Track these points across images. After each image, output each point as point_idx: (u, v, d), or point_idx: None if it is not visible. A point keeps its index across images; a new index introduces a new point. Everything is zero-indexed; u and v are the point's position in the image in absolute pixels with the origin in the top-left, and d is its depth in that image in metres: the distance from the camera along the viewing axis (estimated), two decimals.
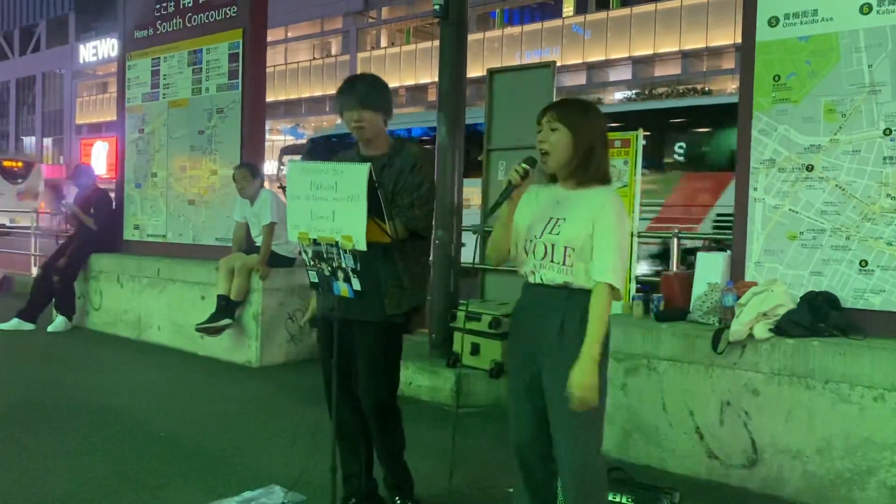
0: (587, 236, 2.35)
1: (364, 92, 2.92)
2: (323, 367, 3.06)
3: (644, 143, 4.89)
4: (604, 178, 2.44)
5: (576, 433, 2.37)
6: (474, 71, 17.13)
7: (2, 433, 4.13)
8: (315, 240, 2.74)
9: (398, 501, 3.12)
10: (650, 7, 32.33)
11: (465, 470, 3.66)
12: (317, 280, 2.83)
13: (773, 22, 3.86)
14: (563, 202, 2.42)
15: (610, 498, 3.07)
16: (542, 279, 2.42)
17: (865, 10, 3.58)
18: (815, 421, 3.34)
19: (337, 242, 2.67)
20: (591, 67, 34.94)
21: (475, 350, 5.00)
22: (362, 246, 2.62)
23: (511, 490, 2.64)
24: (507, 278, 5.63)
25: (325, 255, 2.74)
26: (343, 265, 2.69)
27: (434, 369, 5.06)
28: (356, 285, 2.70)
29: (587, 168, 2.39)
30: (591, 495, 2.42)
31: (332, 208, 2.67)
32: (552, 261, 2.39)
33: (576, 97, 2.65)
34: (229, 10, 6.77)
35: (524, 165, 2.40)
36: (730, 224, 4.17)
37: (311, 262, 2.81)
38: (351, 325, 2.92)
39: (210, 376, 5.69)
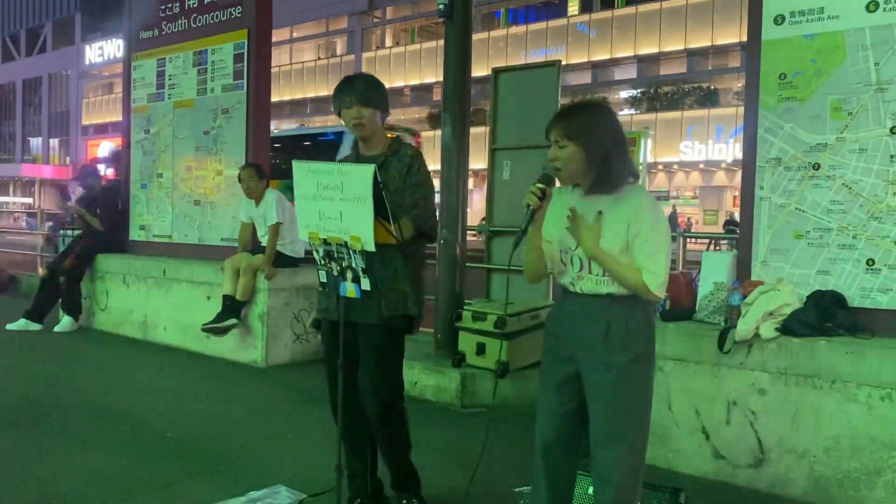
0: (624, 244, 2.27)
1: (362, 89, 2.94)
2: (327, 368, 3.07)
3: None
4: (630, 175, 2.34)
5: (615, 439, 2.30)
6: (479, 70, 17.11)
7: (9, 432, 4.14)
8: (325, 240, 2.75)
9: (405, 503, 3.12)
10: (655, 5, 32.28)
11: (470, 470, 3.65)
12: (326, 280, 2.84)
13: (779, 20, 3.85)
14: (590, 205, 2.33)
15: None
16: (582, 290, 2.34)
17: (872, 7, 3.56)
18: (822, 420, 3.33)
19: (346, 243, 2.67)
20: (596, 66, 34.92)
21: (481, 350, 5.00)
22: (371, 247, 2.62)
23: (517, 490, 2.63)
24: (512, 278, 5.62)
25: (335, 255, 2.75)
26: (353, 265, 2.70)
27: (439, 369, 5.05)
28: (365, 285, 2.70)
29: (607, 177, 2.28)
30: (628, 499, 2.34)
31: (340, 209, 2.67)
32: (590, 272, 2.32)
33: (583, 99, 2.58)
34: (234, 10, 6.78)
35: (540, 185, 2.29)
36: None
37: (322, 262, 2.82)
38: (354, 327, 2.93)
39: (216, 376, 5.70)
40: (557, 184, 2.40)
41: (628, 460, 2.32)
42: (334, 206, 2.69)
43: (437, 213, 3.06)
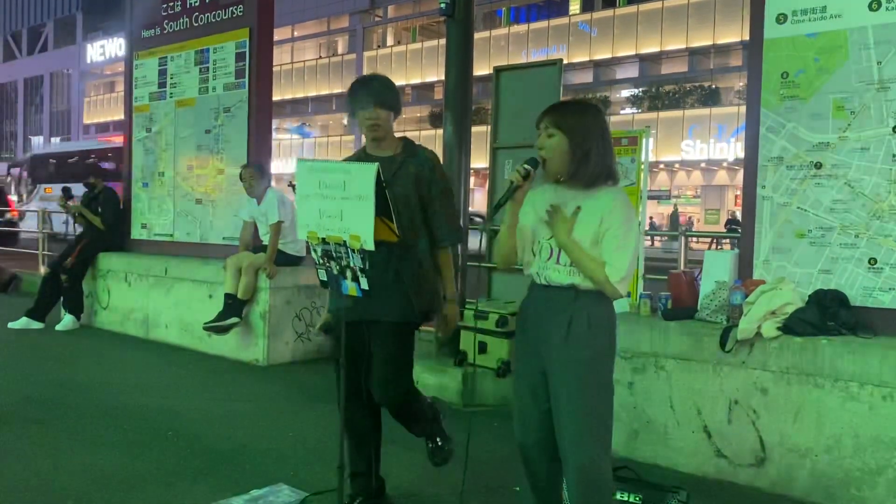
0: (594, 237, 2.35)
1: (378, 91, 2.96)
2: (335, 367, 3.06)
3: None
4: (609, 176, 2.42)
5: (582, 434, 2.36)
6: (481, 69, 17.08)
7: (11, 431, 4.15)
8: (324, 239, 2.75)
9: (430, 444, 3.18)
10: (657, 4, 32.25)
11: (472, 468, 3.66)
12: (326, 279, 2.84)
13: (782, 19, 3.84)
14: (571, 202, 2.41)
15: (618, 496, 3.06)
16: (548, 280, 2.42)
17: (874, 6, 3.56)
18: (824, 420, 3.33)
19: (345, 242, 2.67)
20: (597, 65, 34.91)
21: (482, 349, 5.00)
22: (370, 246, 2.62)
23: (518, 489, 2.64)
24: (514, 277, 5.62)
25: (333, 255, 2.75)
26: (351, 264, 2.70)
27: (441, 368, 5.06)
28: (364, 284, 2.70)
29: (586, 170, 2.37)
30: (596, 497, 2.40)
31: (341, 208, 2.67)
32: (558, 262, 2.40)
33: (574, 98, 2.65)
34: (236, 9, 6.78)
35: (525, 166, 2.41)
36: None
37: (321, 261, 2.82)
38: (366, 325, 2.95)
39: (217, 375, 5.71)
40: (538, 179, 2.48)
41: (595, 454, 2.37)
42: (335, 204, 2.69)
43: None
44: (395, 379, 2.98)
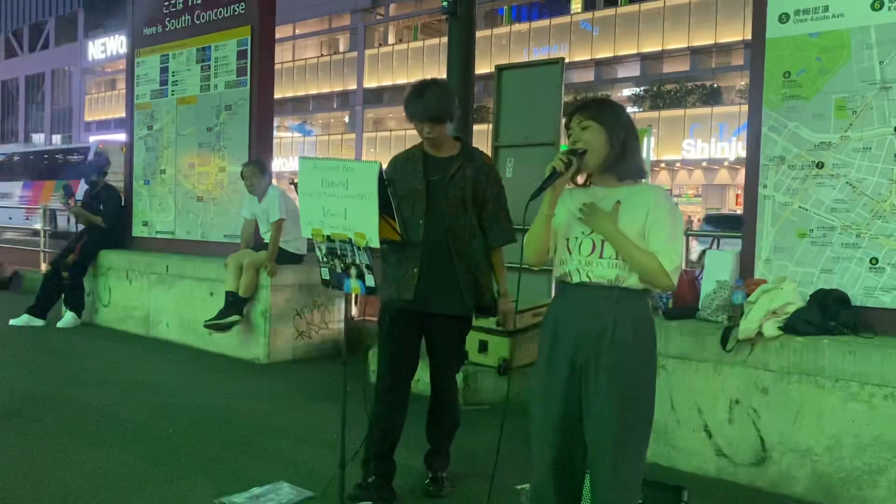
0: (640, 231, 2.27)
1: (430, 106, 3.03)
2: (382, 358, 3.23)
3: None
4: (640, 172, 2.38)
5: (620, 446, 2.25)
6: (482, 67, 17.07)
7: (12, 428, 4.15)
8: (329, 236, 2.75)
9: (441, 475, 3.36)
10: (658, 3, 32.21)
11: (473, 467, 3.66)
12: (328, 277, 2.84)
13: (784, 18, 3.84)
14: (605, 200, 2.32)
15: None
16: (588, 277, 2.29)
17: (877, 6, 3.56)
18: (825, 419, 3.33)
19: (350, 239, 2.68)
20: (599, 64, 34.86)
21: (483, 347, 5.00)
22: (375, 243, 2.64)
23: (519, 487, 2.63)
24: (515, 275, 5.62)
25: (338, 252, 2.76)
26: (357, 262, 2.70)
27: None
28: (369, 282, 2.71)
29: (625, 161, 2.33)
30: (628, 497, 2.30)
31: (344, 206, 2.68)
32: (601, 256, 2.28)
33: (598, 97, 2.59)
34: (237, 7, 6.77)
35: (569, 155, 2.28)
36: None
37: (325, 259, 2.82)
38: (421, 317, 3.13)
39: (218, 373, 5.71)
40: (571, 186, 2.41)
41: (630, 469, 2.28)
42: (339, 202, 2.70)
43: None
44: (455, 365, 3.29)
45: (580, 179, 2.43)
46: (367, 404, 3.13)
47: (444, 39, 5.86)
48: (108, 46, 49.69)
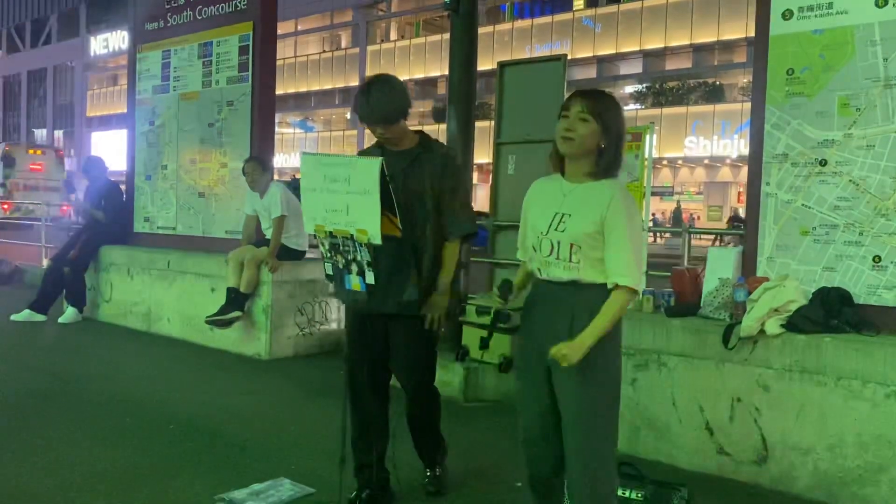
0: (594, 233, 2.29)
1: (377, 107, 2.89)
2: (349, 359, 3.08)
3: None
4: (612, 172, 2.39)
5: (587, 434, 2.33)
6: (484, 64, 17.03)
7: (13, 423, 4.15)
8: (331, 232, 2.75)
9: (429, 473, 3.26)
10: (661, 0, 32.15)
11: (474, 464, 3.66)
12: (332, 272, 2.84)
13: (787, 15, 3.83)
14: (568, 195, 2.37)
15: (619, 493, 3.05)
16: (548, 276, 2.38)
17: (881, 3, 3.54)
18: (827, 417, 3.32)
19: (352, 236, 2.67)
20: (601, 61, 34.82)
21: (484, 344, 4.96)
22: (377, 240, 2.62)
23: (520, 484, 2.64)
24: (517, 272, 5.60)
25: (341, 248, 2.75)
26: (358, 258, 2.70)
27: (443, 363, 5.04)
28: (369, 279, 2.70)
29: (609, 165, 2.34)
30: (599, 498, 2.37)
31: (346, 202, 2.67)
32: (558, 258, 2.35)
33: (602, 90, 2.59)
34: (239, 2, 6.76)
35: (499, 297, 2.48)
36: None
37: (328, 255, 2.81)
38: (383, 319, 2.99)
39: (219, 368, 5.71)
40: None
41: (598, 457, 2.35)
42: (341, 198, 2.69)
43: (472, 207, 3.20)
44: (416, 366, 3.08)
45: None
46: (344, 414, 2.95)
47: (446, 36, 5.84)
48: (110, 42, 49.69)
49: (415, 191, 2.94)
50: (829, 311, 3.46)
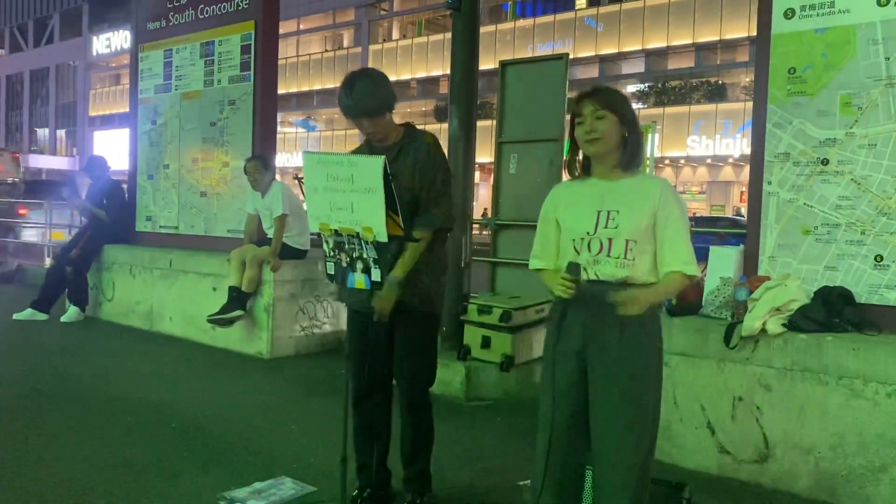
0: (647, 228, 2.28)
1: (363, 102, 2.85)
2: (349, 358, 3.06)
3: None
4: (639, 163, 2.39)
5: (625, 436, 2.27)
6: (486, 63, 17.03)
7: (15, 422, 4.16)
8: (336, 230, 2.75)
9: (418, 501, 3.10)
10: None
11: (476, 463, 3.66)
12: (333, 272, 2.83)
13: (789, 14, 3.82)
14: (608, 194, 2.33)
15: None
16: (596, 275, 2.30)
17: (883, 1, 3.54)
18: (828, 417, 3.32)
19: (358, 234, 2.67)
20: (603, 60, 34.78)
21: (486, 343, 4.99)
22: (383, 237, 2.62)
23: (521, 483, 2.63)
24: (519, 272, 5.62)
25: (346, 246, 2.75)
26: (364, 255, 2.69)
27: (444, 362, 5.04)
28: (375, 276, 2.70)
29: (634, 153, 2.34)
30: (635, 499, 2.29)
31: (351, 200, 2.67)
32: (609, 255, 2.29)
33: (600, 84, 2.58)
34: (241, 1, 6.77)
35: (570, 277, 2.24)
36: None
37: (331, 253, 2.81)
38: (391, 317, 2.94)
39: (221, 367, 5.72)
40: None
41: (639, 463, 2.29)
42: (345, 197, 2.69)
43: (451, 203, 3.04)
44: (407, 372, 3.02)
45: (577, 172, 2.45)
46: (346, 413, 2.90)
47: (449, 35, 5.83)
48: (112, 41, 49.75)
49: (404, 186, 2.87)
50: (831, 311, 3.46)
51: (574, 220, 2.36)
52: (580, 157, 2.42)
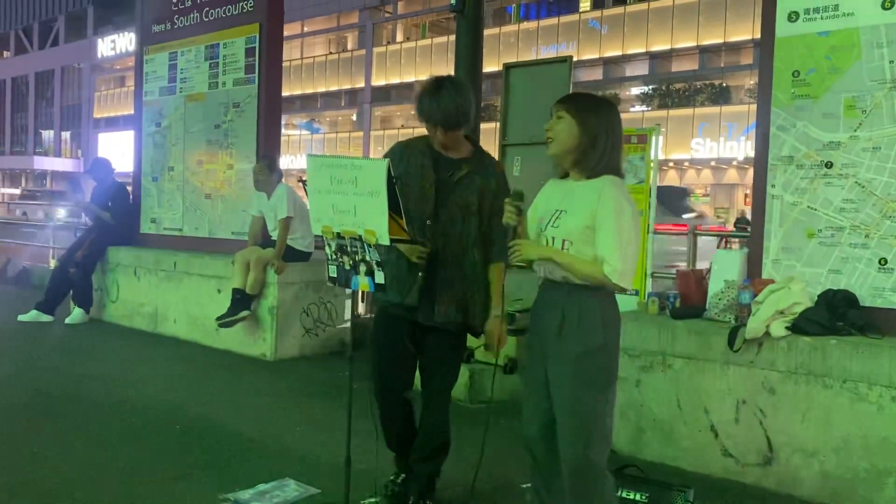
0: (586, 228, 2.33)
1: (448, 112, 2.79)
2: (373, 370, 3.11)
3: None
4: (613, 171, 2.41)
5: (572, 432, 2.38)
6: (490, 66, 17.06)
7: (20, 423, 4.17)
8: (339, 233, 2.75)
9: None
10: (668, 2, 32.12)
11: (479, 464, 3.65)
12: (335, 274, 2.84)
13: (793, 17, 3.82)
14: (568, 194, 2.43)
15: (623, 495, 3.05)
16: (545, 274, 2.45)
17: (887, 5, 3.54)
18: (832, 420, 3.31)
19: (360, 236, 2.68)
20: (607, 63, 34.80)
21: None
22: (385, 241, 2.63)
23: (525, 486, 2.64)
24: (520, 274, 5.61)
25: (348, 249, 2.76)
26: (367, 258, 2.70)
27: None
28: (379, 279, 2.71)
29: (590, 158, 2.39)
30: (587, 494, 2.39)
31: (354, 203, 2.68)
32: None
33: (590, 92, 2.64)
34: (246, 4, 6.78)
35: (514, 202, 2.43)
36: None
37: (334, 256, 2.82)
38: (421, 328, 2.99)
39: (225, 369, 5.73)
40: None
41: (585, 452, 2.36)
42: (348, 199, 2.69)
43: None
44: (449, 379, 3.12)
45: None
46: (349, 414, 2.91)
47: (453, 37, 5.85)
48: (117, 43, 49.90)
49: (461, 204, 2.87)
50: (835, 314, 3.45)
51: (534, 215, 2.50)
52: None
